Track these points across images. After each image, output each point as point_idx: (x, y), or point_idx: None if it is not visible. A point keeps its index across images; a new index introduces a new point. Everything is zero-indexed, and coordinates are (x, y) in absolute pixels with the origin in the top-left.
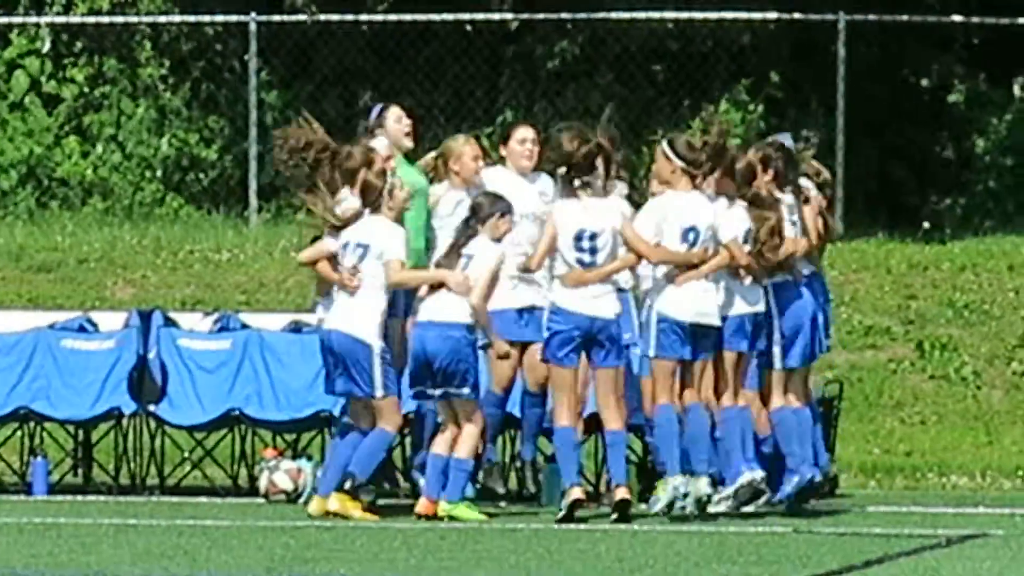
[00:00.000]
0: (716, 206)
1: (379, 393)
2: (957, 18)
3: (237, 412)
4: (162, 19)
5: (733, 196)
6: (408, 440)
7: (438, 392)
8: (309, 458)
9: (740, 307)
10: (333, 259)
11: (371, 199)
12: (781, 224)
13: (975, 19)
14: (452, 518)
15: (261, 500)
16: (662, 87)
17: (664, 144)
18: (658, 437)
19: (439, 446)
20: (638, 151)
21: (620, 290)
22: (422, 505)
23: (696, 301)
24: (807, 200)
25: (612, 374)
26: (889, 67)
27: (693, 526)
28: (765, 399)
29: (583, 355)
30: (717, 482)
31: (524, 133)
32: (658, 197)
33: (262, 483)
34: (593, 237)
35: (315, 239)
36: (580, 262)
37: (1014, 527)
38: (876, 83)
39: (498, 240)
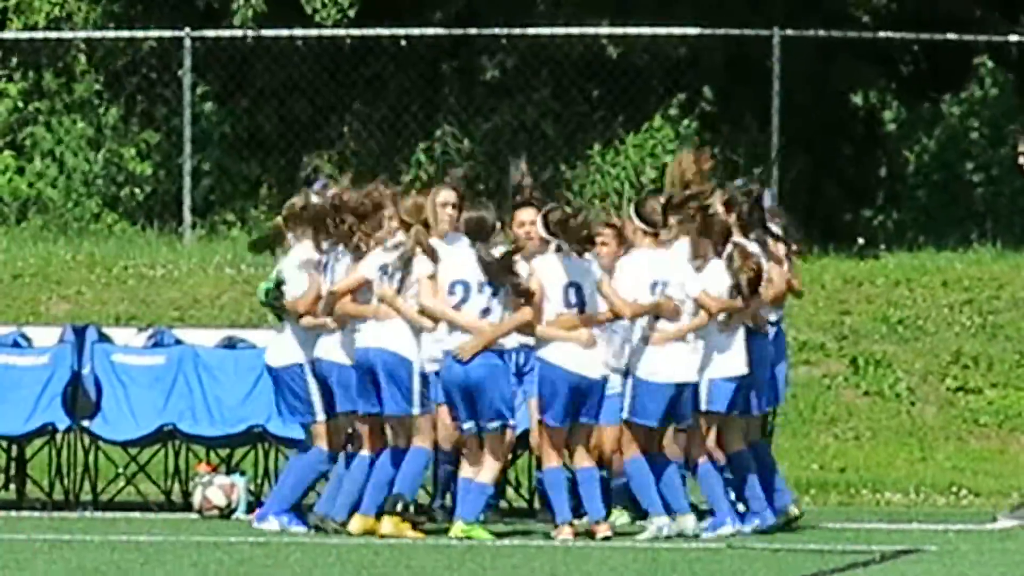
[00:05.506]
0: (685, 265)
1: (416, 410)
2: (890, 34)
3: (171, 427)
4: (97, 34)
5: (709, 256)
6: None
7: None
8: (242, 473)
9: (723, 369)
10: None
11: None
12: (761, 269)
13: (910, 35)
14: (468, 538)
15: (195, 515)
16: (597, 102)
17: (631, 207)
18: (636, 488)
19: (466, 469)
20: (573, 166)
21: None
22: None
23: (678, 362)
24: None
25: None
26: (823, 83)
27: (627, 542)
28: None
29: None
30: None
31: (446, 196)
32: (626, 257)
33: (196, 498)
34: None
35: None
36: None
37: (947, 543)
38: (810, 98)
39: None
